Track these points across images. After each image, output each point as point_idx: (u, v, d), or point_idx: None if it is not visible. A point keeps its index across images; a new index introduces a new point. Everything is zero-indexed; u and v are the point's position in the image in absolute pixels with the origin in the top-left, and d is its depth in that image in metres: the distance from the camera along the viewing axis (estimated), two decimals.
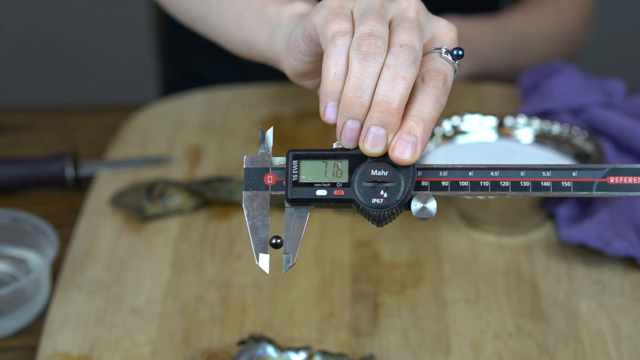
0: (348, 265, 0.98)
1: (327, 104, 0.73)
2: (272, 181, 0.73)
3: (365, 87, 0.71)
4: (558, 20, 1.33)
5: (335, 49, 0.73)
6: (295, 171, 0.72)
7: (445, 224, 1.02)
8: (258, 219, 0.73)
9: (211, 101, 1.24)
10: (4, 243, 1.00)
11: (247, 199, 0.73)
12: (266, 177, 0.73)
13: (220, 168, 1.12)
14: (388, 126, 0.70)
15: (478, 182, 0.71)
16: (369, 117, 0.70)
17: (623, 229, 0.97)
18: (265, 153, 0.74)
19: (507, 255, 0.98)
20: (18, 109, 1.29)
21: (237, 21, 0.94)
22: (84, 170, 1.12)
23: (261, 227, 0.73)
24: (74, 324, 0.91)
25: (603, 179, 0.70)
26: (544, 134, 1.05)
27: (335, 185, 0.72)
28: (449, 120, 1.06)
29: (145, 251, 1.00)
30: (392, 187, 0.71)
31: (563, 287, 0.94)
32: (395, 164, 0.71)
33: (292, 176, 0.72)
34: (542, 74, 1.19)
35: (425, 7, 0.77)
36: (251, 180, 0.73)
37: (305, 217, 0.72)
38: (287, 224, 0.73)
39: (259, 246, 0.72)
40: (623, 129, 1.08)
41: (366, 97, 0.71)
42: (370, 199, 0.71)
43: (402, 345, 0.88)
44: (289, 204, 0.72)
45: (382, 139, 0.70)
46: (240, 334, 0.90)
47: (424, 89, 0.72)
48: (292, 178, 0.72)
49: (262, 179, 0.73)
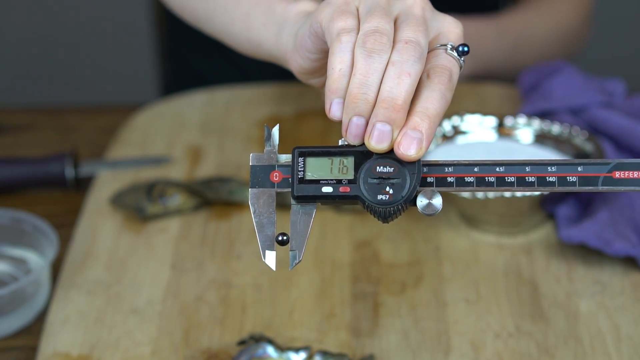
0: (348, 266, 0.98)
1: (332, 100, 0.73)
2: (278, 178, 0.73)
3: (370, 83, 0.71)
4: (557, 20, 1.33)
5: (341, 45, 0.73)
6: (301, 168, 0.72)
7: (446, 224, 1.02)
8: (264, 217, 0.73)
9: (211, 101, 1.24)
10: (4, 243, 1.00)
11: (253, 197, 0.73)
12: (272, 175, 0.73)
13: (220, 168, 1.12)
14: (393, 122, 0.70)
15: (484, 177, 0.71)
16: (374, 114, 0.71)
17: (623, 228, 0.97)
18: (271, 150, 0.74)
19: (507, 255, 0.98)
20: (18, 109, 1.30)
21: (244, 20, 0.94)
22: (84, 170, 1.12)
23: (267, 224, 0.73)
24: (74, 324, 0.91)
25: (608, 173, 0.70)
26: (544, 134, 1.05)
27: (341, 182, 0.72)
28: (449, 120, 1.06)
29: (145, 251, 1.00)
30: (398, 183, 0.71)
31: (563, 287, 0.94)
32: (400, 160, 0.71)
33: (298, 173, 0.72)
34: (542, 74, 1.19)
35: (431, 4, 0.77)
36: (257, 178, 0.73)
37: (312, 214, 0.73)
38: (294, 221, 0.73)
39: (265, 243, 0.73)
40: (623, 129, 1.08)
41: (371, 94, 0.71)
42: (376, 195, 0.71)
43: (402, 345, 0.89)
44: (295, 201, 0.72)
45: (387, 135, 0.70)
46: (240, 334, 0.90)
47: (429, 85, 0.72)
48: (298, 175, 0.72)
49: (268, 177, 0.73)
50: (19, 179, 1.10)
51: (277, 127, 0.75)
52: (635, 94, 1.17)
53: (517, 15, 1.31)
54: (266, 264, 0.73)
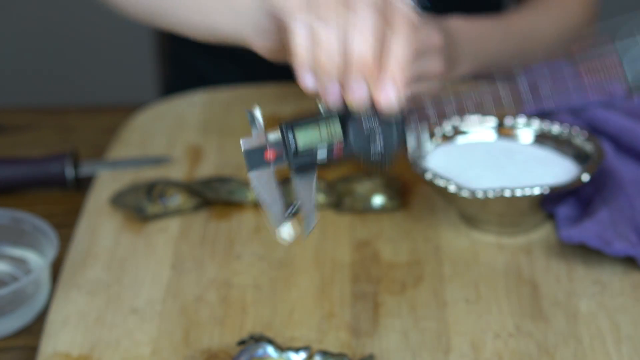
0: (348, 265, 0.98)
1: (303, 75, 0.77)
2: (272, 156, 0.76)
3: (334, 49, 0.74)
4: (564, 18, 1.33)
5: (297, 22, 0.76)
6: (293, 142, 0.75)
7: (445, 224, 1.02)
8: (269, 195, 0.76)
9: (211, 101, 1.25)
10: (4, 243, 1.00)
11: (254, 180, 0.76)
12: (266, 154, 0.76)
13: (220, 168, 1.13)
14: (367, 78, 0.74)
15: (462, 106, 0.76)
16: (346, 75, 0.74)
17: (623, 229, 0.97)
18: (259, 132, 0.76)
19: (507, 255, 0.98)
20: (18, 109, 1.30)
21: (200, 11, 0.97)
22: (84, 170, 1.12)
23: (273, 202, 0.76)
24: (74, 324, 0.92)
25: None
26: (544, 134, 1.05)
27: (333, 145, 0.75)
28: (449, 120, 1.06)
29: (145, 251, 1.00)
30: (386, 131, 0.75)
31: (563, 287, 0.94)
32: (382, 110, 0.75)
33: (290, 147, 0.75)
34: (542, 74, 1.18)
35: None
36: (252, 161, 0.76)
37: (313, 180, 0.76)
38: (298, 190, 0.76)
39: (277, 220, 0.76)
40: (623, 129, 1.08)
41: (339, 58, 0.74)
42: (368, 148, 0.75)
43: (402, 345, 0.89)
44: (295, 173, 0.75)
45: (364, 91, 0.74)
46: (240, 334, 0.90)
47: (392, 33, 0.75)
48: (291, 149, 0.75)
49: (263, 157, 0.76)
50: (19, 179, 1.11)
51: (257, 109, 0.77)
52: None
53: (522, 14, 1.31)
54: (283, 238, 0.76)
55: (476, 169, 1.01)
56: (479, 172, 1.01)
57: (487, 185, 0.99)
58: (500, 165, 1.02)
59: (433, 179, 0.98)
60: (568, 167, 1.02)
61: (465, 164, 1.02)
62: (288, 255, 0.99)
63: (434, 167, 1.01)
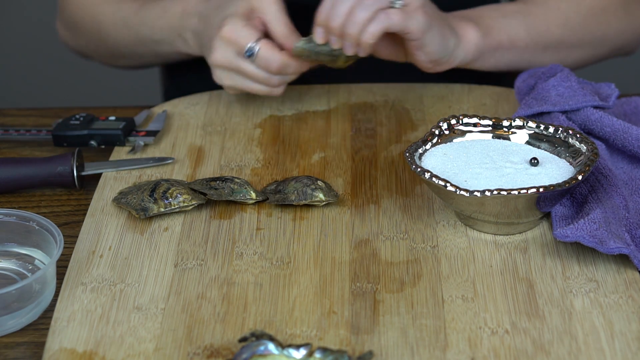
0: (347, 264, 0.98)
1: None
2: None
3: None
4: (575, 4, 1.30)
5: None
6: None
7: (443, 224, 1.03)
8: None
9: (213, 102, 1.25)
10: (11, 242, 1.01)
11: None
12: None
13: (222, 168, 1.13)
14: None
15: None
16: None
17: (617, 228, 0.97)
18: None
19: (504, 253, 0.99)
20: (23, 110, 1.30)
21: (161, 39, 1.28)
22: (89, 171, 1.12)
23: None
24: (79, 321, 0.92)
25: None
26: (538, 135, 1.06)
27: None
28: (446, 120, 1.06)
29: (148, 250, 1.01)
30: None
31: (558, 285, 0.95)
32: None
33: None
34: (538, 77, 1.19)
35: None
36: None
37: None
38: None
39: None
40: (617, 130, 1.08)
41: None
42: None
43: (400, 342, 0.89)
44: None
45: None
46: (242, 331, 0.91)
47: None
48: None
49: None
50: (24, 179, 1.10)
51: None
52: (626, 98, 1.18)
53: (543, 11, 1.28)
54: None
55: (473, 169, 1.02)
56: (476, 171, 1.02)
57: (484, 185, 0.99)
58: (496, 165, 1.02)
59: (431, 178, 0.99)
60: (563, 167, 1.03)
61: (462, 164, 1.03)
62: (289, 253, 1.00)
63: (431, 167, 1.02)
